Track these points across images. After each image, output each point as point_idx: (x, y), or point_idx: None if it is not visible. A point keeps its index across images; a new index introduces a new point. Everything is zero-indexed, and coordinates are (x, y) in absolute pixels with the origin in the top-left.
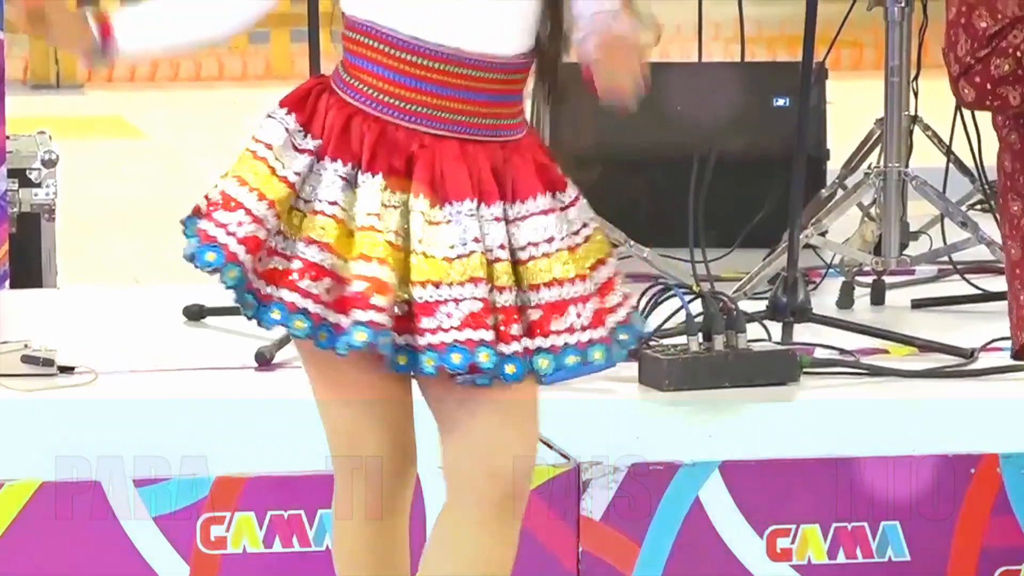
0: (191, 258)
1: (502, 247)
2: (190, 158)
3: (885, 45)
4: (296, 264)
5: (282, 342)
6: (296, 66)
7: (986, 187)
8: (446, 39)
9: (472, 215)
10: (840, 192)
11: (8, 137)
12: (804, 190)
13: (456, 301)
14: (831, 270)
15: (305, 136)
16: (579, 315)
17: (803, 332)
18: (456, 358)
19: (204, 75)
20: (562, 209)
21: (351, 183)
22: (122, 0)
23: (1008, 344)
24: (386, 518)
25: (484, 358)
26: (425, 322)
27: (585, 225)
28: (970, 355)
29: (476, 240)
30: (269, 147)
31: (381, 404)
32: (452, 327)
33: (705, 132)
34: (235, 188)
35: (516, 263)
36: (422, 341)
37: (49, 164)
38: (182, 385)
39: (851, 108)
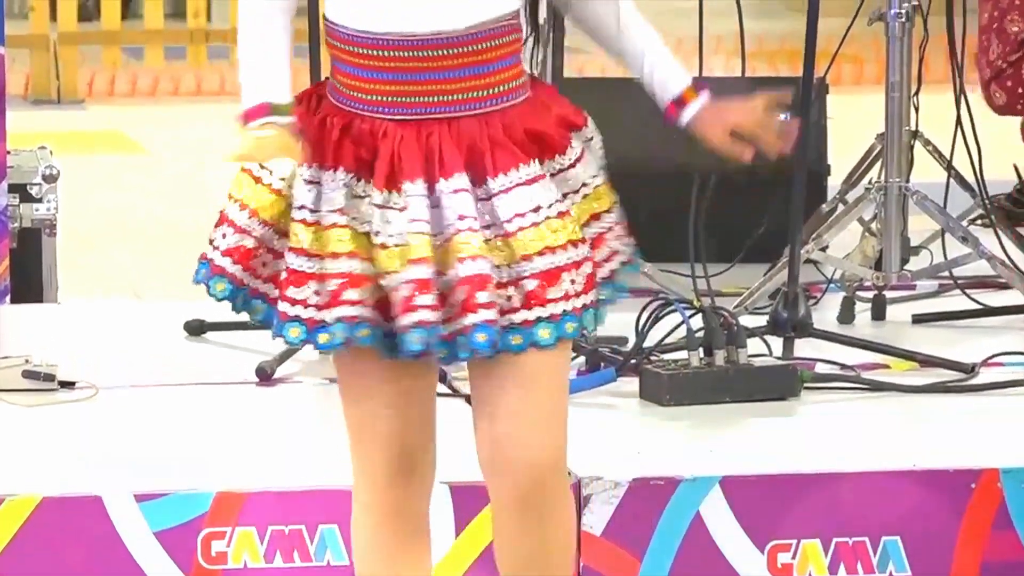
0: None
1: (461, 218)
2: (191, 173)
3: (886, 60)
4: (283, 273)
5: (283, 357)
6: (297, 81)
7: (987, 202)
8: (396, 26)
9: (422, 196)
10: (841, 207)
11: (9, 152)
12: (805, 205)
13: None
14: (832, 285)
15: None
16: (573, 281)
17: (804, 347)
18: (416, 339)
19: (205, 90)
20: (557, 173)
21: (316, 183)
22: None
23: (1009, 359)
24: (404, 509)
25: (416, 340)
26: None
27: (585, 184)
28: (971, 370)
29: (418, 220)
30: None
31: (401, 398)
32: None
33: (705, 147)
34: (225, 202)
35: (506, 236)
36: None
37: (50, 179)
38: (183, 400)
39: (852, 123)
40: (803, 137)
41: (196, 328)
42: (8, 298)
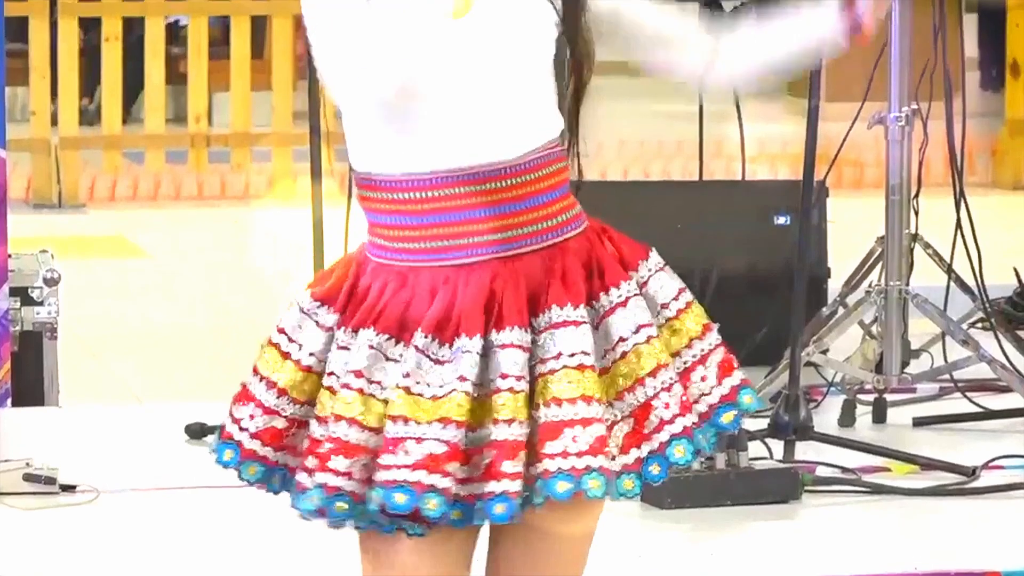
0: (215, 456)
1: (504, 376)
2: (192, 278)
3: (886, 163)
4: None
5: None
6: (298, 185)
7: (987, 305)
8: (453, 162)
9: (474, 353)
10: (841, 310)
11: (10, 256)
12: (805, 308)
13: (418, 440)
14: (833, 388)
15: (325, 310)
16: (575, 439)
17: (805, 450)
18: (400, 498)
19: (206, 193)
20: (600, 320)
21: (345, 347)
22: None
23: (1010, 463)
24: None
25: (431, 506)
26: (386, 458)
27: (623, 340)
28: (972, 473)
29: (461, 379)
30: (282, 331)
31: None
32: (404, 465)
33: (706, 250)
34: (250, 378)
35: (541, 375)
36: (377, 476)
37: (51, 283)
38: (184, 503)
39: (852, 226)
40: (803, 240)
41: (197, 431)
42: (9, 401)
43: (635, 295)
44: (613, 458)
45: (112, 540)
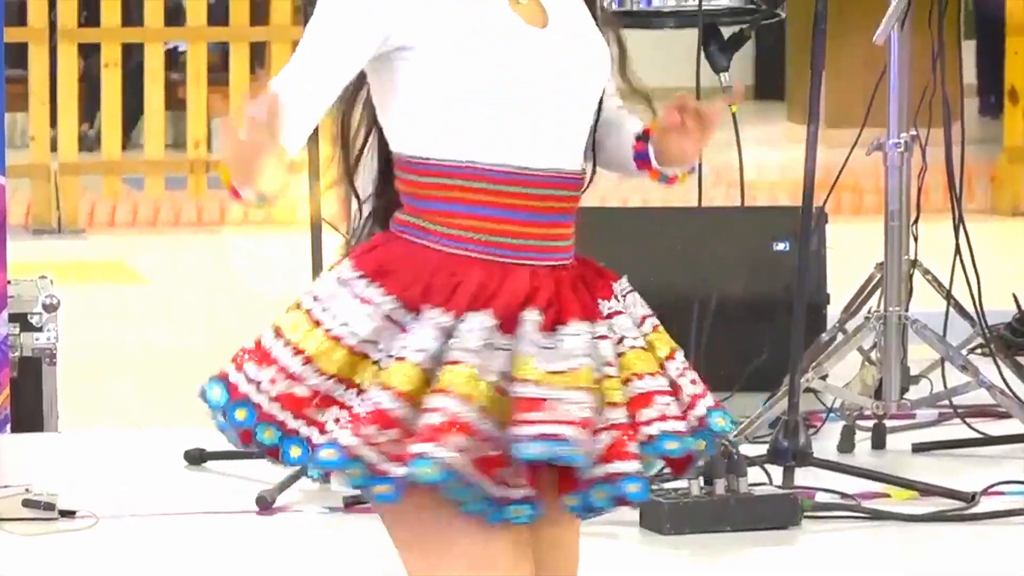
0: (220, 412)
1: (609, 364)
2: (191, 302)
3: (885, 189)
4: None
5: (283, 486)
6: (297, 212)
7: (986, 331)
8: (543, 161)
9: (578, 335)
10: (840, 336)
11: (9, 282)
12: (804, 334)
13: (558, 401)
14: (832, 414)
15: (374, 286)
16: (667, 405)
17: (804, 476)
18: (538, 449)
19: (206, 219)
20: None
21: (445, 330)
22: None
23: (1009, 488)
24: None
25: (572, 452)
26: (529, 415)
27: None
28: (971, 499)
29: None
30: (317, 299)
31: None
32: (548, 420)
33: (706, 276)
34: (271, 340)
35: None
36: (519, 431)
37: (50, 309)
38: (183, 529)
39: (851, 252)
40: (803, 266)
41: (196, 457)
42: (8, 427)
43: (620, 311)
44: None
45: (111, 566)
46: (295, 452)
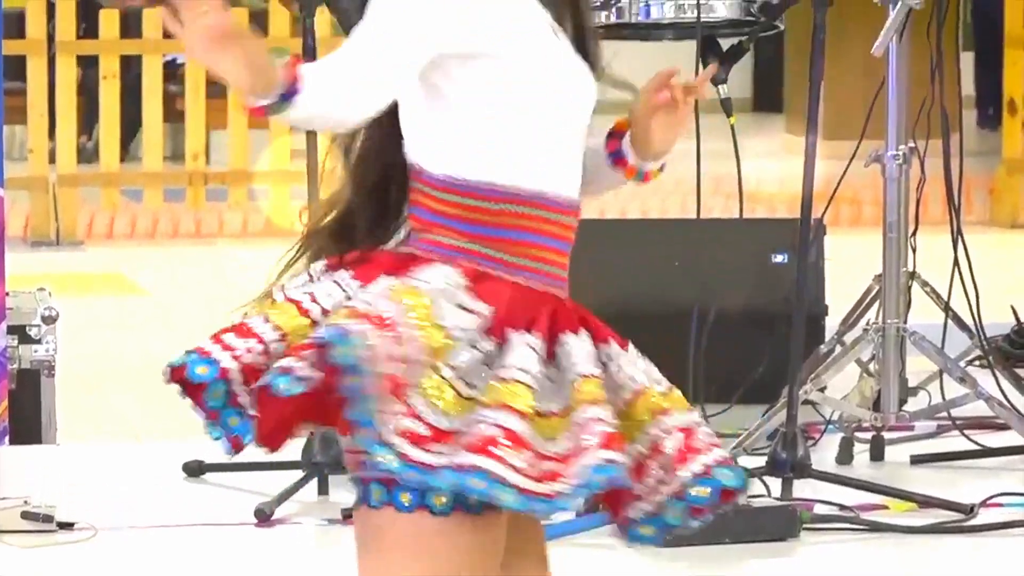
0: (181, 369)
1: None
2: (190, 314)
3: (883, 201)
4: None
5: (282, 498)
6: (296, 223)
7: (985, 343)
8: (562, 189)
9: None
10: (839, 348)
11: (8, 294)
12: (803, 346)
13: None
14: (830, 426)
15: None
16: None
17: (803, 488)
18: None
19: (204, 231)
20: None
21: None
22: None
23: (1008, 500)
24: None
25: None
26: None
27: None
28: (970, 511)
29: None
30: (311, 296)
31: None
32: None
33: (704, 288)
34: (258, 323)
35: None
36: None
37: (49, 321)
38: (182, 541)
39: (849, 264)
40: (801, 278)
41: (195, 469)
42: (7, 439)
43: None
44: None
45: None
46: (233, 421)
